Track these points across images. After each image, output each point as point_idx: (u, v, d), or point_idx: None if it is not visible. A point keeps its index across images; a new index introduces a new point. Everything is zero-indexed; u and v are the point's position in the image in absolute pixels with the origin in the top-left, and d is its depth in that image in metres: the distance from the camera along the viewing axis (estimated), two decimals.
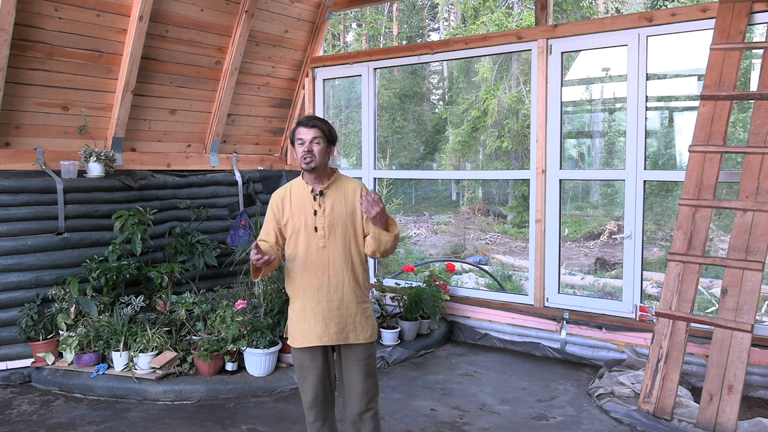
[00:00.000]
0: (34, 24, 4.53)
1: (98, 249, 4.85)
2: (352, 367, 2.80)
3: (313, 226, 2.74)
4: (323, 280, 2.74)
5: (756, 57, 7.03)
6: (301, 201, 2.78)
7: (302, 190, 2.80)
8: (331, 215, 2.75)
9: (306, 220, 2.75)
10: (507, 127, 15.30)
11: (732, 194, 7.57)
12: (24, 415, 3.88)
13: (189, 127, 5.90)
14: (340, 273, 2.75)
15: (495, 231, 14.91)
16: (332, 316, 2.74)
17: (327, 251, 2.74)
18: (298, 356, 2.82)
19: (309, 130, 2.73)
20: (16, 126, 4.74)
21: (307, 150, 2.70)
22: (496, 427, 3.76)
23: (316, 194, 2.77)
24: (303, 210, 2.76)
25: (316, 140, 2.72)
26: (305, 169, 2.74)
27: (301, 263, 2.76)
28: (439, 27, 22.93)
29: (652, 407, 3.74)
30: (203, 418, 3.84)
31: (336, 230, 2.75)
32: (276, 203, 2.83)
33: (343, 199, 2.78)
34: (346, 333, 2.76)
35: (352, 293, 2.78)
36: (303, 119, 2.78)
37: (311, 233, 2.74)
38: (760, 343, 4.18)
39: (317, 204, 2.76)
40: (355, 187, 2.81)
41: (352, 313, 2.77)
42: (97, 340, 4.43)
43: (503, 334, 5.34)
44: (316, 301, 2.74)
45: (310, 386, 2.80)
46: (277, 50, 6.27)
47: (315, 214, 2.75)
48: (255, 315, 4.55)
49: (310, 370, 2.79)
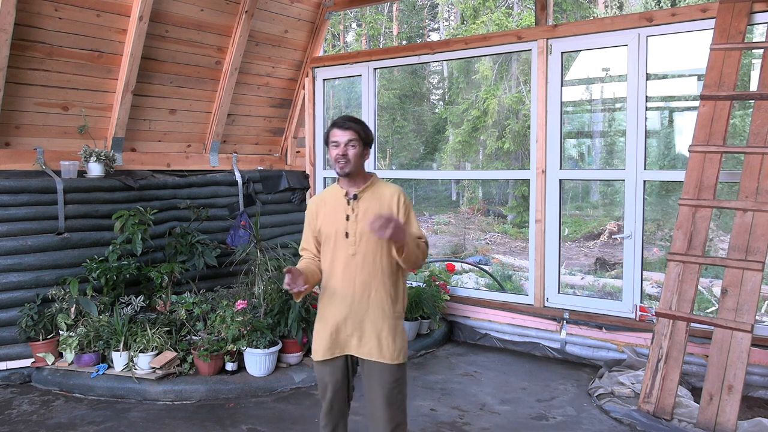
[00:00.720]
0: (34, 24, 4.54)
1: (98, 249, 4.85)
2: (374, 389, 2.61)
3: (344, 232, 2.59)
4: (349, 289, 2.58)
5: (756, 57, 7.03)
6: (334, 206, 2.64)
7: (337, 195, 2.66)
8: (364, 221, 2.56)
9: (337, 226, 2.61)
10: (507, 127, 15.30)
11: (732, 194, 7.57)
12: (24, 415, 3.88)
13: (189, 127, 5.90)
14: (368, 283, 2.58)
15: (495, 231, 14.92)
16: (354, 327, 2.59)
17: (356, 259, 2.57)
18: (319, 369, 2.70)
19: (344, 132, 2.57)
20: (16, 126, 4.74)
21: (342, 154, 2.56)
22: (496, 427, 3.76)
23: (349, 198, 2.62)
24: (336, 215, 2.62)
25: (352, 143, 2.57)
26: (339, 174, 2.61)
27: (329, 271, 2.63)
28: (439, 27, 22.93)
29: (652, 407, 3.74)
30: (203, 418, 3.84)
31: (367, 237, 2.56)
32: (311, 209, 2.72)
33: (378, 204, 2.61)
34: (368, 348, 2.58)
35: (380, 306, 2.59)
36: (338, 120, 2.62)
37: (341, 239, 2.59)
38: (760, 343, 4.18)
39: (350, 209, 2.61)
40: (392, 192, 2.65)
41: (378, 328, 2.58)
42: (97, 340, 4.43)
43: (503, 334, 5.34)
44: (339, 310, 2.59)
45: (327, 398, 2.68)
46: (277, 50, 6.27)
47: (347, 219, 2.60)
48: (255, 315, 4.55)
49: (329, 384, 2.67)
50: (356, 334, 2.60)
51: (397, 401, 2.62)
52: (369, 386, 2.63)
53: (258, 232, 5.03)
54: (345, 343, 2.62)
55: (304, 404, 4.07)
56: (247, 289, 4.93)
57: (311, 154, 6.67)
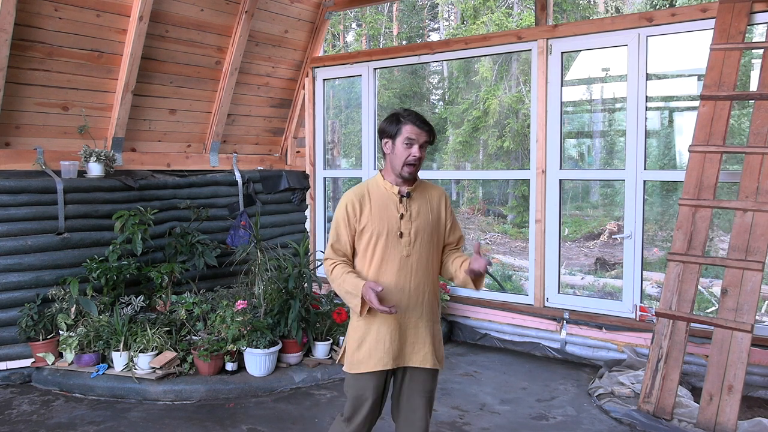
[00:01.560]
0: (34, 24, 4.53)
1: (98, 249, 4.85)
2: (417, 399, 2.48)
3: (398, 232, 2.41)
4: (403, 293, 2.42)
5: (756, 57, 7.03)
6: (384, 202, 2.45)
7: (384, 191, 2.47)
8: (418, 220, 2.44)
9: (390, 225, 2.42)
10: (507, 127, 15.30)
11: (732, 194, 7.57)
12: (24, 415, 3.88)
13: (189, 127, 5.90)
14: (422, 286, 2.45)
15: (495, 231, 14.91)
16: (409, 334, 2.44)
17: (410, 260, 2.42)
18: (361, 384, 2.45)
19: (422, 133, 2.38)
20: (16, 126, 4.74)
21: (417, 156, 2.38)
22: (496, 427, 3.76)
23: (403, 196, 2.45)
24: (386, 213, 2.43)
25: (424, 145, 2.41)
26: (404, 177, 2.44)
27: (375, 273, 2.42)
28: (439, 27, 22.93)
29: (652, 407, 3.74)
30: (203, 418, 3.84)
31: (422, 238, 2.44)
32: (352, 204, 2.45)
33: (428, 204, 2.50)
34: (422, 355, 2.44)
35: (430, 310, 2.49)
36: (413, 116, 2.40)
37: (395, 239, 2.41)
38: (760, 343, 4.18)
39: (404, 207, 2.44)
40: (439, 194, 2.56)
41: (429, 333, 2.47)
42: (97, 340, 4.43)
43: (503, 334, 5.34)
44: (393, 317, 2.39)
45: (362, 416, 2.47)
46: (277, 50, 6.27)
47: (401, 218, 2.42)
48: (255, 315, 4.55)
49: (370, 400, 2.45)
50: (410, 340, 2.45)
51: (432, 407, 2.58)
52: (410, 396, 2.49)
53: (258, 232, 5.03)
54: (398, 352, 2.44)
55: (304, 404, 4.07)
56: (247, 289, 4.93)
57: (311, 154, 6.67)
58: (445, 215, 2.55)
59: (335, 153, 8.02)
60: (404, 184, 2.49)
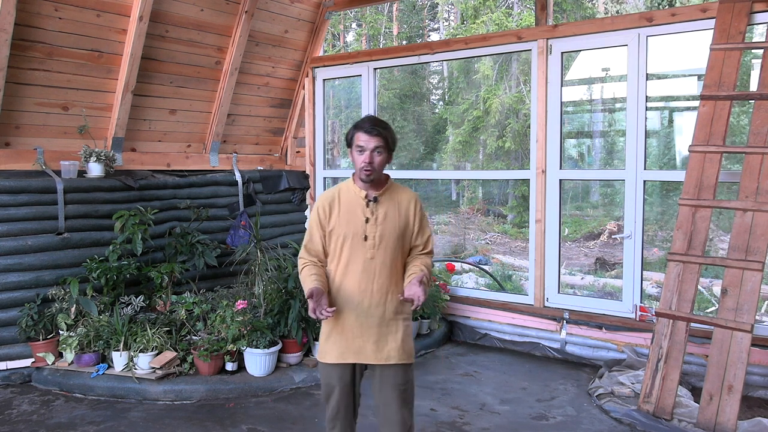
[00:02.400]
0: (34, 24, 4.54)
1: (98, 249, 4.85)
2: (388, 393, 2.59)
3: (363, 235, 2.53)
4: (366, 293, 2.54)
5: (756, 57, 7.03)
6: (351, 206, 2.57)
7: (353, 195, 2.58)
8: (384, 224, 2.55)
9: (356, 227, 2.54)
10: (507, 127, 15.30)
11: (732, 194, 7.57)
12: (24, 415, 3.88)
13: (189, 127, 5.90)
14: (385, 287, 2.56)
15: (495, 231, 14.91)
16: (371, 333, 2.55)
17: (374, 263, 2.53)
18: (327, 372, 2.63)
19: (371, 139, 2.48)
20: (16, 126, 4.74)
21: (368, 161, 2.48)
22: (496, 427, 3.76)
23: (369, 200, 2.56)
24: (353, 216, 2.55)
25: (378, 150, 2.50)
26: (363, 181, 2.55)
27: (342, 273, 2.57)
28: (439, 27, 22.93)
29: (652, 407, 3.74)
30: (203, 418, 3.84)
31: (387, 241, 2.55)
32: (322, 207, 2.60)
33: (396, 209, 2.59)
34: (386, 352, 2.56)
35: (395, 309, 2.59)
36: (365, 124, 2.52)
37: (359, 242, 2.53)
38: (760, 343, 4.18)
39: (370, 211, 2.55)
40: (409, 198, 2.64)
41: (393, 330, 2.58)
42: (97, 340, 4.43)
43: (503, 334, 5.34)
44: (356, 316, 2.55)
45: (334, 402, 2.63)
46: (277, 50, 6.27)
47: (366, 222, 2.54)
48: (255, 315, 4.55)
49: (337, 388, 2.61)
50: (372, 339, 2.56)
51: (410, 402, 2.64)
52: (382, 390, 2.60)
53: (258, 232, 5.03)
54: (360, 349, 2.56)
55: (304, 404, 4.07)
56: (247, 289, 4.93)
57: (311, 154, 6.67)
58: (414, 219, 2.63)
59: (335, 153, 8.02)
60: (371, 189, 2.58)
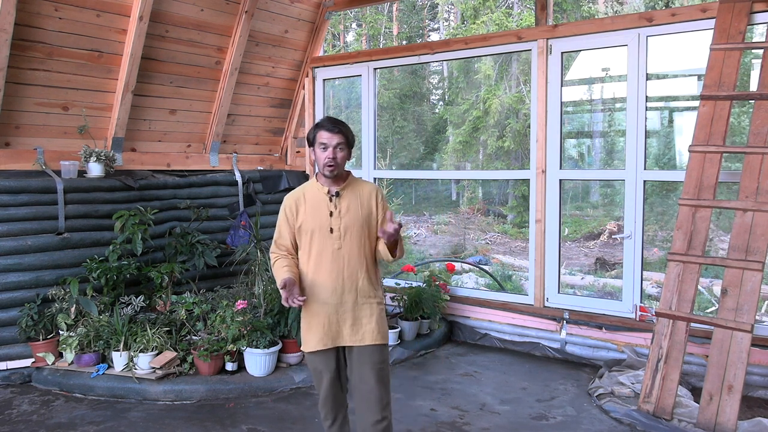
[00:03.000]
0: (34, 24, 4.54)
1: (98, 249, 4.85)
2: (366, 371, 2.75)
3: (329, 228, 2.73)
4: (338, 281, 2.73)
5: (756, 57, 7.03)
6: (316, 202, 2.77)
7: (317, 192, 2.78)
8: (347, 216, 2.74)
9: (321, 222, 2.73)
10: (507, 127, 15.30)
11: (732, 194, 7.56)
12: (24, 415, 3.88)
13: (189, 127, 5.90)
14: (355, 274, 2.75)
15: (495, 231, 14.91)
16: (346, 318, 2.74)
17: (342, 252, 2.73)
18: (312, 360, 2.80)
19: (333, 136, 2.68)
20: (16, 126, 4.75)
21: (332, 157, 2.68)
22: (496, 427, 3.76)
23: (332, 195, 2.76)
24: (318, 211, 2.75)
25: (340, 146, 2.69)
26: (327, 176, 2.73)
27: (314, 265, 2.75)
28: (439, 27, 22.92)
29: (652, 407, 3.74)
30: (203, 418, 3.84)
31: (351, 231, 2.74)
32: (289, 206, 2.81)
33: (358, 200, 2.78)
34: (361, 334, 2.74)
35: (366, 294, 2.78)
36: (325, 122, 2.72)
37: (326, 234, 2.73)
38: (760, 343, 4.17)
39: (333, 205, 2.75)
40: (370, 189, 2.82)
41: (367, 314, 2.77)
42: (97, 340, 4.43)
43: (503, 334, 5.34)
44: (331, 303, 2.73)
45: (323, 388, 2.81)
46: (277, 50, 6.27)
47: (330, 216, 2.73)
48: (255, 315, 4.55)
49: (324, 373, 2.79)
50: (348, 323, 2.74)
51: (386, 380, 2.80)
52: (360, 371, 2.76)
53: (258, 232, 5.03)
54: (337, 334, 2.75)
55: (304, 404, 4.07)
56: (247, 289, 4.93)
57: (311, 154, 6.67)
58: (377, 208, 2.81)
59: None
60: (333, 185, 2.78)
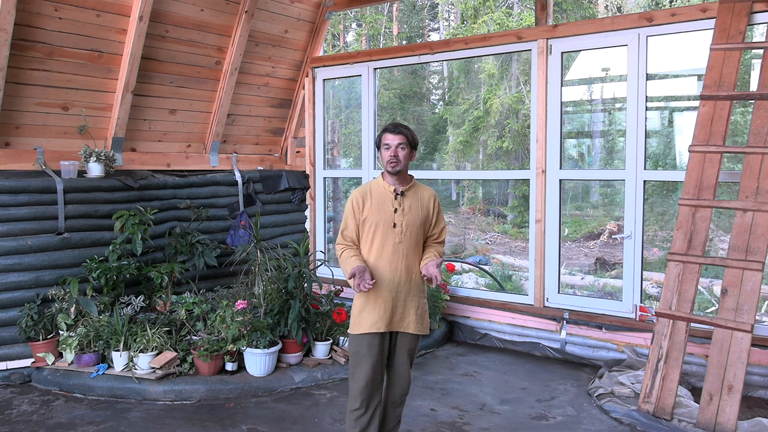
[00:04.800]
0: (34, 24, 4.53)
1: (98, 249, 4.85)
2: (403, 354, 3.06)
3: (392, 223, 2.98)
4: (396, 272, 2.97)
5: (756, 57, 7.02)
6: (381, 198, 3.02)
7: (383, 189, 3.04)
8: (409, 215, 3.00)
9: (385, 217, 2.98)
10: (507, 127, 15.30)
11: (732, 194, 7.56)
12: (24, 415, 3.88)
13: (189, 127, 5.90)
14: (412, 267, 3.01)
15: (495, 231, 14.91)
16: (399, 305, 2.99)
17: (402, 246, 2.98)
18: (358, 342, 2.99)
19: (395, 137, 2.97)
20: (16, 126, 4.74)
21: (393, 155, 2.96)
22: (496, 427, 3.76)
23: (397, 194, 3.01)
24: (383, 207, 3.00)
25: (401, 146, 2.96)
26: (390, 172, 2.99)
27: (376, 255, 2.98)
28: (439, 27, 22.93)
29: (652, 407, 3.74)
30: (203, 418, 3.84)
31: (411, 229, 3.00)
32: (356, 200, 3.05)
33: (419, 203, 3.04)
34: (407, 322, 3.01)
35: (418, 287, 3.04)
36: (389, 126, 3.01)
37: (389, 229, 2.98)
38: (760, 343, 4.18)
39: (398, 203, 3.00)
40: (430, 195, 3.08)
41: (416, 305, 3.03)
42: (97, 340, 4.43)
43: (503, 334, 5.33)
44: (388, 291, 2.96)
45: (363, 373, 2.96)
46: (277, 50, 6.27)
47: (395, 212, 2.99)
48: (255, 315, 4.55)
49: (366, 357, 2.96)
50: (400, 310, 3.00)
51: (412, 363, 3.15)
52: (400, 353, 3.06)
53: (258, 232, 5.03)
54: (390, 319, 2.98)
55: (304, 404, 4.07)
56: (247, 289, 4.93)
57: (311, 154, 6.67)
58: (433, 212, 3.10)
59: (335, 153, 8.01)
60: (399, 184, 3.04)
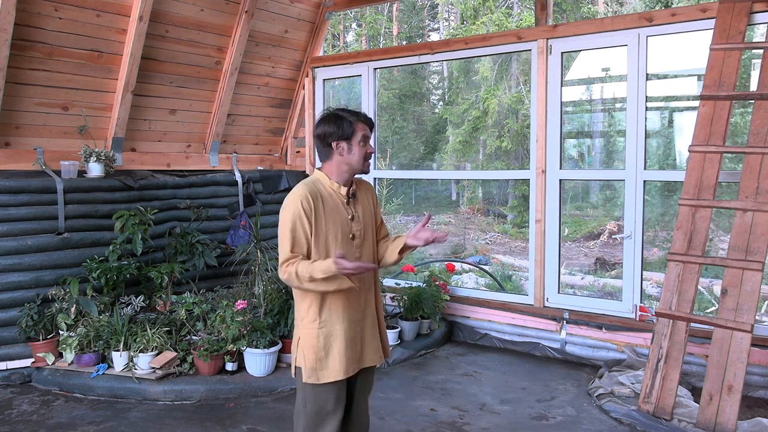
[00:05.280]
0: (34, 24, 4.53)
1: (98, 249, 4.85)
2: (364, 393, 2.46)
3: (350, 234, 2.30)
4: (360, 294, 2.32)
5: (756, 57, 7.03)
6: (334, 203, 2.29)
7: (332, 191, 2.32)
8: (363, 221, 2.36)
9: (342, 227, 2.29)
10: (507, 127, 15.30)
11: (732, 194, 7.56)
12: (24, 415, 3.88)
13: (189, 127, 5.90)
14: (370, 286, 2.38)
15: (495, 231, 14.91)
16: (368, 334, 2.36)
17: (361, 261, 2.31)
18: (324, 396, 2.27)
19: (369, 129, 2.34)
20: (16, 126, 4.74)
21: (372, 153, 2.34)
22: (496, 427, 3.76)
23: (349, 197, 2.34)
24: (338, 214, 2.29)
25: None
26: (364, 172, 2.35)
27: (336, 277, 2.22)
28: (439, 27, 22.94)
29: (652, 407, 3.74)
30: (203, 418, 3.84)
31: (366, 237, 2.37)
32: (304, 207, 2.21)
33: (366, 202, 2.42)
34: (373, 350, 2.38)
35: (379, 308, 2.46)
36: (365, 116, 2.33)
37: (348, 242, 2.28)
38: (760, 343, 4.18)
39: (351, 208, 2.33)
40: (367, 186, 2.48)
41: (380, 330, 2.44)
42: (97, 340, 4.43)
43: (503, 334, 5.33)
44: (354, 320, 2.30)
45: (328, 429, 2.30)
46: (277, 50, 6.27)
47: (352, 220, 2.31)
48: (255, 315, 4.55)
49: (333, 413, 2.29)
50: (368, 339, 2.37)
51: None
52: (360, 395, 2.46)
53: (258, 232, 5.03)
54: (361, 355, 2.35)
55: None
56: (247, 289, 4.93)
57: (311, 154, 6.67)
58: (375, 210, 2.46)
59: None
60: (348, 184, 2.35)
